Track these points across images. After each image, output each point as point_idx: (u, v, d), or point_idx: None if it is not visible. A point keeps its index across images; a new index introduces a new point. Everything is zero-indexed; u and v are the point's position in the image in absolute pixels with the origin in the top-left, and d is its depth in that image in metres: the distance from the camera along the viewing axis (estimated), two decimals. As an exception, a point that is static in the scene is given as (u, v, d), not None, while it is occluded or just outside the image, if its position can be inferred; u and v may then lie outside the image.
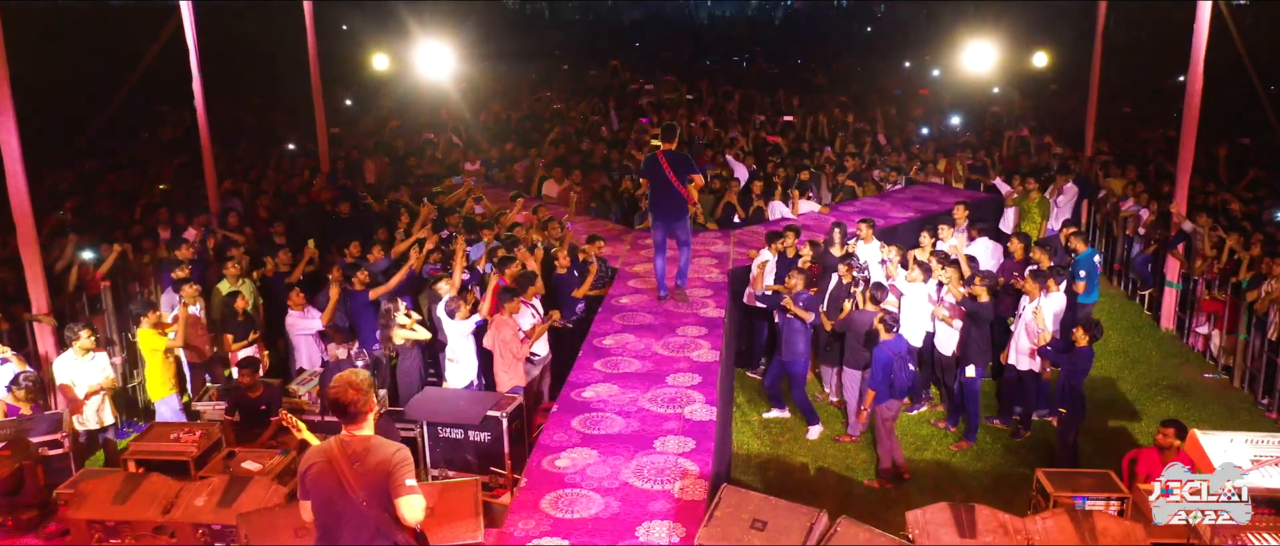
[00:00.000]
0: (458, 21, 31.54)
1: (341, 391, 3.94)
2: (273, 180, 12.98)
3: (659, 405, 7.02)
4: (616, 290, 9.48)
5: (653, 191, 8.57)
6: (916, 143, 14.90)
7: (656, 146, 8.57)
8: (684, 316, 8.74)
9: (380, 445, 3.96)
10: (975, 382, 8.55)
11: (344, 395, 3.93)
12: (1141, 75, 20.60)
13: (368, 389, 3.98)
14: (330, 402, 4.00)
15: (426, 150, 14.59)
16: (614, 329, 8.52)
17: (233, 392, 7.76)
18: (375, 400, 4.07)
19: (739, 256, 10.31)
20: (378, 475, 3.90)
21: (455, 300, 8.28)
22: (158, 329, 8.27)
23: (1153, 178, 12.54)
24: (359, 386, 3.94)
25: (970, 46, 15.23)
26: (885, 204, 12.43)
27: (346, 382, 3.94)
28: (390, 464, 3.90)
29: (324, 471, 3.96)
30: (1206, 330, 10.42)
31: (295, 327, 8.97)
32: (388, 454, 3.92)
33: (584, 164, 13.41)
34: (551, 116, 17.15)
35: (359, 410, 3.94)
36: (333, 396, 3.96)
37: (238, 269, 9.51)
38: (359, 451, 3.94)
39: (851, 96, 18.95)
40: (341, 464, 3.92)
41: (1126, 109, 17.21)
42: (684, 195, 8.39)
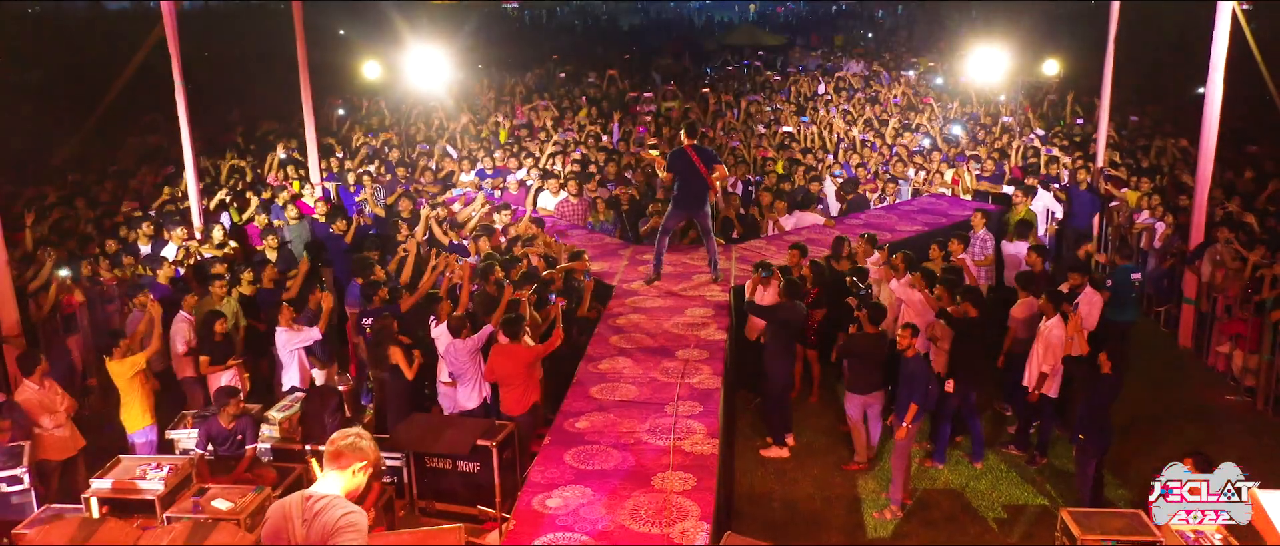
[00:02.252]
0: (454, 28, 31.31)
1: (342, 450, 3.73)
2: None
3: (657, 437, 6.62)
4: (614, 309, 9.08)
5: (680, 183, 9.16)
6: (920, 153, 14.49)
7: (681, 141, 9.30)
8: (683, 339, 8.34)
9: (333, 506, 3.62)
10: (958, 399, 8.17)
11: (341, 454, 3.72)
12: (1153, 82, 20.20)
13: (366, 454, 3.75)
14: (328, 450, 3.76)
15: (421, 161, 14.19)
16: (610, 351, 8.12)
17: (207, 422, 7.35)
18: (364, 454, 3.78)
19: (742, 273, 9.91)
20: (321, 537, 3.57)
21: (460, 318, 7.89)
22: (130, 352, 7.86)
23: (1169, 190, 12.13)
24: (364, 453, 3.73)
25: (976, 52, 14.84)
26: (892, 216, 12.03)
27: (355, 446, 3.73)
28: (331, 527, 3.57)
29: (278, 527, 3.68)
30: (1227, 349, 10.01)
31: (286, 344, 8.55)
32: (335, 517, 3.58)
33: (580, 176, 13.01)
34: (547, 125, 16.74)
35: (342, 466, 3.72)
36: (333, 450, 3.74)
37: (223, 287, 9.13)
38: (315, 510, 3.61)
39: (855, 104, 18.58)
40: (295, 523, 3.60)
41: (1136, 117, 16.77)
42: (709, 183, 9.10)
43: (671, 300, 9.29)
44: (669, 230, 9.56)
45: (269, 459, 7.60)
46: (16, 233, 10.74)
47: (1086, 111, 16.90)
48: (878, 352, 8.07)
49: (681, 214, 9.46)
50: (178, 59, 10.62)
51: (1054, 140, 14.96)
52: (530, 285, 8.47)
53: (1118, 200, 12.64)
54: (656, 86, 20.55)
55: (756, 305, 8.49)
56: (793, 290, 8.34)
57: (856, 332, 8.16)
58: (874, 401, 8.12)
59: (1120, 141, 14.67)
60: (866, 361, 8.06)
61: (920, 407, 7.55)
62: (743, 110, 17.82)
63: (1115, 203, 12.69)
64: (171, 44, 10.58)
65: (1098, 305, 8.98)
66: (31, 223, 10.60)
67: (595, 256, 10.49)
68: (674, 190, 9.29)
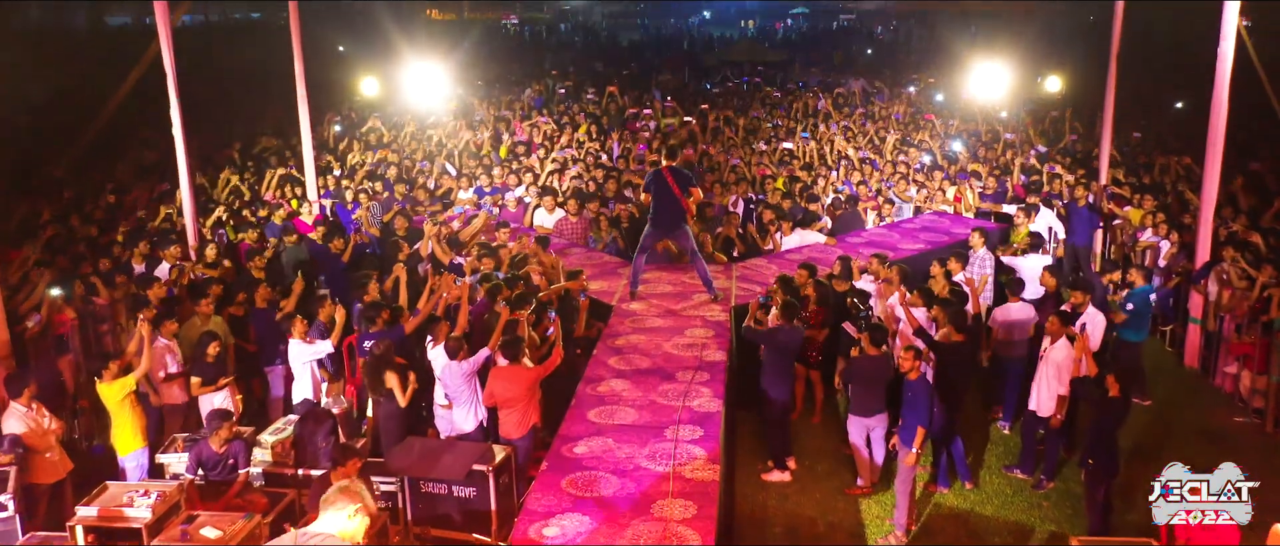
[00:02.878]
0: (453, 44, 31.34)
1: (332, 498, 3.73)
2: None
3: (657, 462, 6.47)
4: (613, 329, 8.95)
5: (656, 205, 9.24)
6: (922, 170, 14.41)
7: (659, 163, 9.34)
8: (683, 360, 8.21)
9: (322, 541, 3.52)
10: None
11: (332, 500, 3.72)
12: (1155, 98, 20.15)
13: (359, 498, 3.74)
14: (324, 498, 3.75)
15: (418, 179, 14.09)
16: (609, 373, 7.98)
17: (198, 445, 7.21)
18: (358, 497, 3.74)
19: (743, 293, 9.78)
20: None
21: (458, 340, 7.76)
22: (121, 373, 7.72)
23: (1173, 208, 12.02)
24: (357, 497, 3.73)
25: (978, 68, 14.78)
26: (893, 235, 11.91)
27: (347, 490, 3.74)
28: None
29: None
30: (1235, 370, 9.88)
31: (299, 356, 8.42)
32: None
33: (579, 193, 12.91)
34: (546, 142, 16.65)
35: (337, 509, 3.72)
36: (325, 498, 3.74)
37: (211, 305, 9.00)
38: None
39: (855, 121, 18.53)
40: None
41: (1137, 134, 16.68)
42: (684, 206, 9.14)
43: (671, 320, 9.16)
44: (646, 249, 9.65)
45: (261, 483, 7.45)
46: (12, 251, 10.65)
47: (1088, 128, 16.85)
48: (881, 375, 7.94)
49: (658, 234, 9.57)
50: (174, 75, 10.51)
51: (1056, 157, 14.88)
52: (527, 305, 8.35)
53: (1120, 218, 12.54)
54: (656, 103, 20.50)
55: (753, 329, 8.36)
56: (790, 311, 8.20)
57: (859, 356, 8.02)
58: (877, 424, 7.98)
59: (1122, 158, 14.56)
60: (870, 384, 7.93)
61: (925, 431, 7.42)
62: (742, 127, 17.75)
63: (1118, 220, 12.59)
64: (168, 60, 10.48)
65: (1101, 325, 8.88)
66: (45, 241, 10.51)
67: (595, 275, 10.37)
68: (650, 211, 9.40)
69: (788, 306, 8.22)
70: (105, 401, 7.63)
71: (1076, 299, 8.94)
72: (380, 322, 8.32)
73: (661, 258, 10.89)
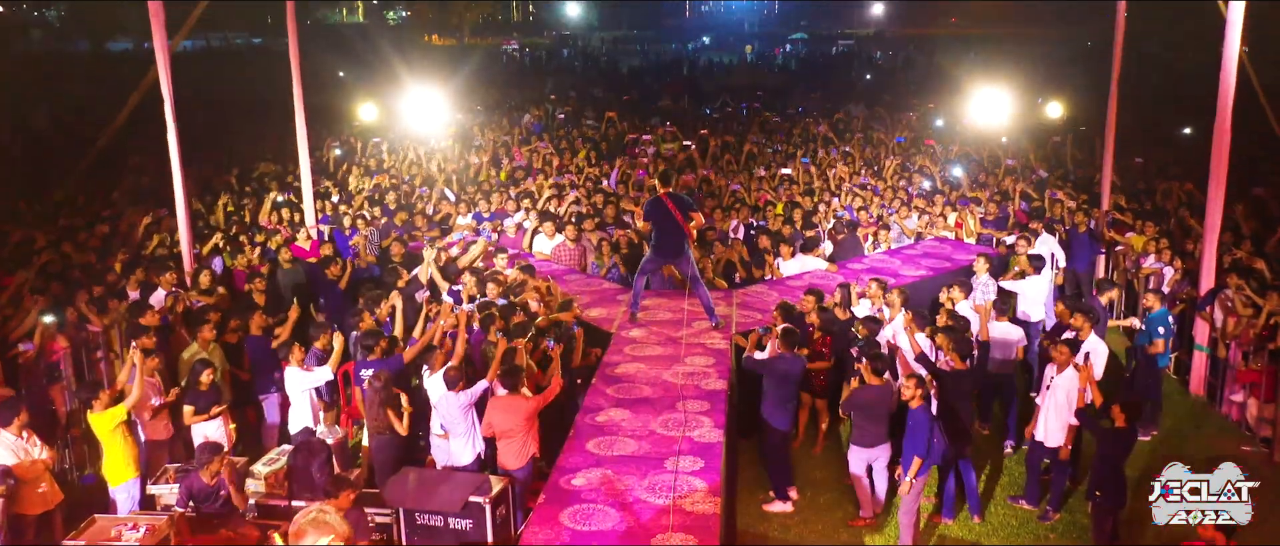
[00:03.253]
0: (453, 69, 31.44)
1: (304, 528, 3.63)
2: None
3: (657, 494, 6.36)
4: (611, 358, 8.84)
5: (657, 231, 9.18)
6: (923, 196, 14.35)
7: (656, 190, 9.30)
8: (683, 389, 8.09)
9: None
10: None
11: (304, 532, 3.62)
12: (1154, 123, 20.15)
13: (333, 528, 3.63)
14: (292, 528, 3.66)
15: (417, 204, 14.03)
16: (608, 402, 7.87)
17: (189, 477, 7.08)
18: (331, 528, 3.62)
19: (744, 319, 9.69)
20: None
21: (456, 370, 7.65)
22: (112, 403, 7.61)
23: (1176, 233, 11.95)
24: (331, 527, 3.62)
25: (979, 94, 14.76)
26: (895, 261, 11.83)
27: (318, 521, 3.63)
28: None
29: None
30: (1242, 398, 9.77)
31: (297, 384, 8.29)
32: None
33: (579, 218, 12.84)
34: (545, 167, 16.62)
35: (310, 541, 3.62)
36: (297, 528, 3.64)
37: (212, 333, 8.90)
38: None
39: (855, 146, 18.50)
40: None
41: (1139, 159, 16.64)
42: (686, 231, 9.08)
43: (671, 348, 9.06)
44: (646, 272, 9.65)
45: (254, 515, 7.31)
46: (6, 277, 10.56)
47: (1088, 153, 16.82)
48: (882, 404, 7.83)
49: (659, 261, 9.53)
50: (171, 100, 10.45)
51: (1057, 183, 14.83)
52: (526, 334, 8.25)
53: (1122, 244, 12.46)
54: (655, 128, 20.50)
55: (753, 359, 8.25)
56: (790, 339, 8.10)
57: (859, 385, 7.91)
58: (880, 455, 7.86)
59: (1124, 184, 14.47)
60: (871, 414, 7.81)
61: (924, 460, 7.30)
62: (743, 153, 17.71)
63: (1120, 246, 12.51)
64: (165, 84, 10.43)
65: (1103, 354, 8.77)
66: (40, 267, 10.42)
67: (594, 302, 10.29)
68: (651, 238, 9.35)
69: (787, 334, 8.12)
70: (96, 431, 7.51)
71: (1077, 323, 8.85)
72: (378, 351, 8.22)
73: (666, 283, 10.81)
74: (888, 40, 63.39)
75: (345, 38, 44.62)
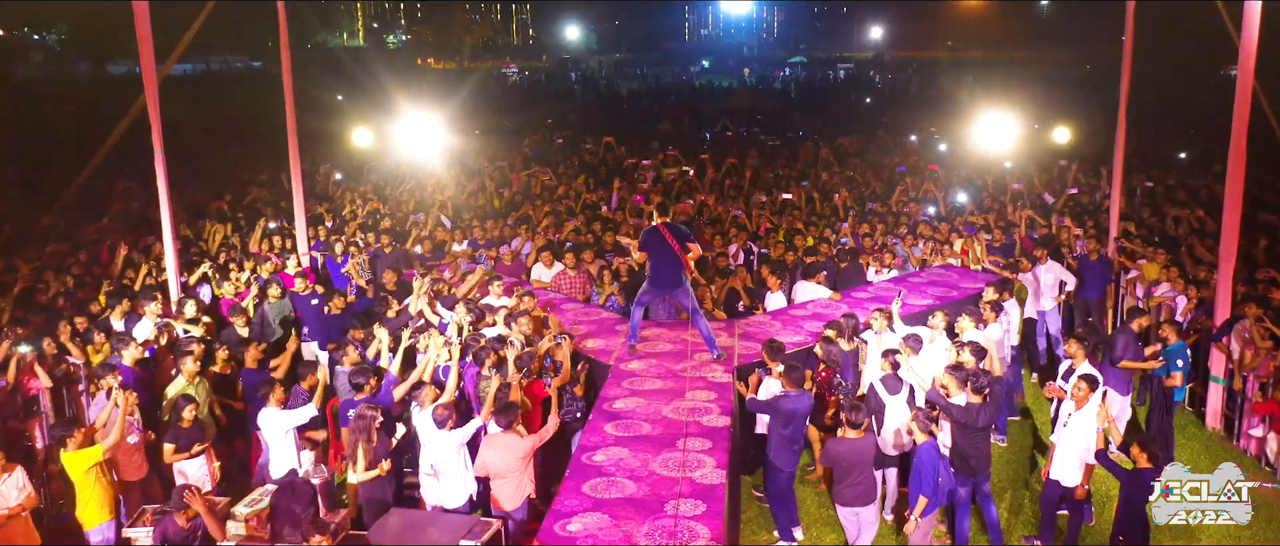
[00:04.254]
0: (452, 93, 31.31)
1: None
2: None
3: (657, 539, 6.03)
4: (609, 393, 8.52)
5: (654, 262, 8.87)
6: (928, 222, 14.09)
7: (654, 219, 8.95)
8: (684, 426, 7.77)
9: None
10: None
11: None
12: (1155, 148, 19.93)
13: None
14: None
15: (412, 231, 13.75)
16: (607, 441, 7.55)
17: (163, 520, 6.76)
18: None
19: (746, 352, 9.38)
20: None
21: (447, 408, 7.34)
22: (87, 443, 7.30)
23: (1188, 261, 11.67)
24: None
25: (984, 119, 14.54)
26: (901, 288, 11.53)
27: None
28: None
29: None
30: (1261, 432, 9.46)
31: (279, 426, 7.92)
32: None
33: (577, 246, 12.56)
34: (543, 193, 16.36)
35: None
36: None
37: (196, 366, 8.59)
38: None
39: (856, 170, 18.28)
40: None
41: (1149, 182, 16.39)
42: (683, 262, 8.76)
43: (671, 381, 8.74)
44: (642, 304, 9.27)
45: (234, 559, 6.98)
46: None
47: (1091, 178, 16.59)
48: (863, 460, 7.41)
49: (656, 291, 9.17)
50: (158, 125, 10.21)
51: (1064, 208, 14.57)
52: (522, 369, 7.96)
53: (1133, 271, 12.18)
54: (659, 154, 20.28)
55: (757, 402, 7.93)
56: (794, 377, 7.76)
57: (837, 439, 7.52)
58: (867, 511, 7.48)
59: (1131, 210, 14.16)
60: (851, 470, 7.37)
61: (930, 500, 6.97)
62: (744, 178, 17.45)
63: (1132, 274, 12.23)
64: (152, 110, 10.19)
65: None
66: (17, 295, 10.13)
67: (592, 332, 9.98)
68: (647, 269, 9.03)
69: (790, 371, 7.78)
70: (70, 472, 7.20)
71: (1070, 350, 8.52)
72: (367, 390, 7.90)
73: (671, 313, 10.52)
74: (886, 63, 63.61)
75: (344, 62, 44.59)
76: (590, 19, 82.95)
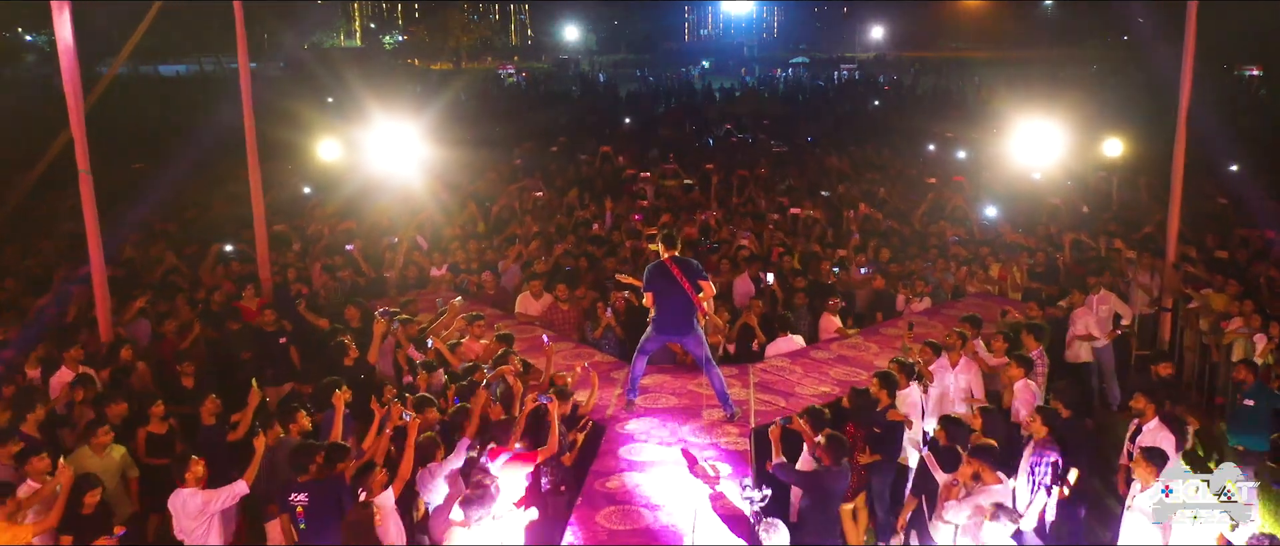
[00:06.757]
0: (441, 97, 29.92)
1: None
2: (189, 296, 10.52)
3: None
4: (603, 464, 7.12)
5: (660, 303, 7.71)
6: (959, 242, 12.67)
7: (659, 253, 7.76)
8: (693, 512, 6.37)
9: None
10: None
11: None
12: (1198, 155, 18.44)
13: None
14: None
15: (386, 255, 12.31)
16: (600, 532, 6.16)
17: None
18: None
19: (763, 408, 7.99)
20: None
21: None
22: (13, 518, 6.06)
23: (1264, 293, 10.27)
24: None
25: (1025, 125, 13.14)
26: (934, 322, 10.15)
27: None
28: None
29: None
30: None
31: (201, 511, 6.48)
32: None
33: (571, 275, 11.15)
34: (534, 209, 14.88)
35: None
36: None
37: (109, 435, 7.19)
38: None
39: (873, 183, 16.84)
40: None
41: (1223, 199, 14.84)
42: (696, 303, 7.61)
43: (677, 445, 7.34)
44: (646, 352, 7.99)
45: None
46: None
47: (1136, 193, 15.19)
48: None
49: (663, 338, 7.93)
50: (81, 140, 8.81)
51: (1110, 228, 13.12)
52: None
53: (1196, 301, 10.76)
54: (654, 162, 18.85)
55: (787, 469, 6.54)
56: (838, 449, 6.38)
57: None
58: None
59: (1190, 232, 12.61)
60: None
61: None
62: (758, 196, 15.84)
63: (1193, 303, 10.81)
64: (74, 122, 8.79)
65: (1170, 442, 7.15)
66: None
67: (586, 382, 8.53)
68: (652, 312, 7.82)
69: (834, 441, 6.39)
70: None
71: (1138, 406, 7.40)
72: (313, 470, 6.46)
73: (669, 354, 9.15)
74: (889, 63, 62.37)
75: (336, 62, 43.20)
76: (590, 19, 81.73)
